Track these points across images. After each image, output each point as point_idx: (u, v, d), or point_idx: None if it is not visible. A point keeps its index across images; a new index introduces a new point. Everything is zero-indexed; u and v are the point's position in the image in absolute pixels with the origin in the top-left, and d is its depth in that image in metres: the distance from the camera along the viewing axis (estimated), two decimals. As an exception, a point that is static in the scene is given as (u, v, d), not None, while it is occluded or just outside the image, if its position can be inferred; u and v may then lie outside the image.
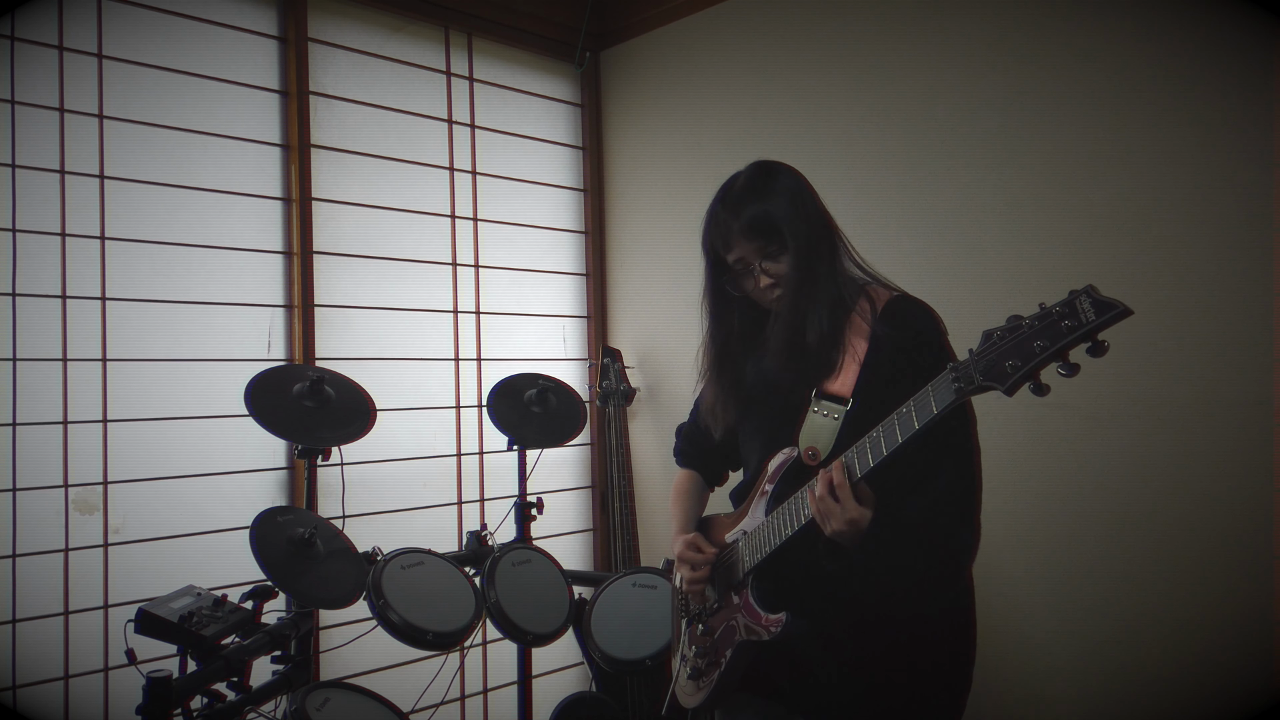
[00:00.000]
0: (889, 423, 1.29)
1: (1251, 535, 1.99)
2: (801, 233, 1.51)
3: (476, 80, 3.20)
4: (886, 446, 1.28)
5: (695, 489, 1.79)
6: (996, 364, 1.15)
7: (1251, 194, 1.99)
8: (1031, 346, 1.12)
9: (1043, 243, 2.30)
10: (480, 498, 3.11)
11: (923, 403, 1.24)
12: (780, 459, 1.51)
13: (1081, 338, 1.09)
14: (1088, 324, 1.08)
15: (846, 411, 1.43)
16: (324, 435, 2.21)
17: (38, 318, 2.30)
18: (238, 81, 2.65)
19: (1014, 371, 1.13)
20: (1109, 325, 1.09)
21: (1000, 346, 1.16)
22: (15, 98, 2.27)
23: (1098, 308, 1.09)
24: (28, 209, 2.28)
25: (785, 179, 1.57)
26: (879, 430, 1.30)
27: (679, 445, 1.85)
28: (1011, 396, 1.16)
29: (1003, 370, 1.14)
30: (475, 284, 3.15)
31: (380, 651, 2.66)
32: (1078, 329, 1.09)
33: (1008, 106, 2.36)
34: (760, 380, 1.60)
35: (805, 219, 1.52)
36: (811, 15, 2.81)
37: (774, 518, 1.48)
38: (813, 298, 1.49)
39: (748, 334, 1.64)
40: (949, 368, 1.22)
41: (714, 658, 1.58)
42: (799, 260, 1.49)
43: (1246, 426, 1.99)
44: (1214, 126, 2.04)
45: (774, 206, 1.52)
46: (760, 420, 1.61)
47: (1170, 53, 2.10)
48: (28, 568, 2.26)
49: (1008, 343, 1.15)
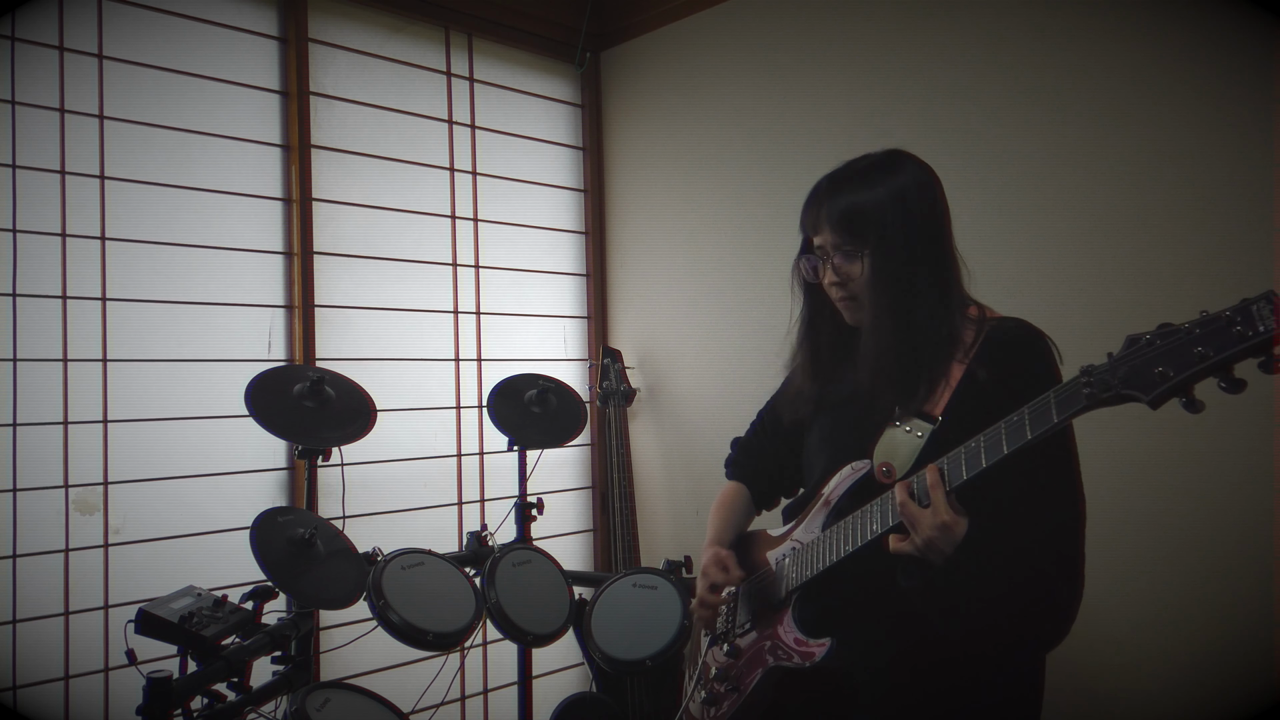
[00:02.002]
0: (994, 430, 1.13)
1: (1251, 535, 1.99)
2: (897, 242, 1.32)
3: (477, 80, 3.20)
4: (988, 457, 1.13)
5: (740, 502, 1.65)
6: (1143, 370, 1.00)
7: (1251, 194, 1.99)
8: (1191, 353, 0.96)
9: (1043, 243, 2.29)
10: (480, 498, 3.11)
11: (1040, 409, 1.09)
12: (847, 472, 1.37)
13: (1255, 349, 0.93)
14: (1266, 333, 0.92)
15: (933, 431, 1.28)
16: (324, 435, 2.21)
17: (38, 318, 2.30)
18: (238, 82, 2.65)
19: (1164, 380, 0.98)
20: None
21: (1149, 352, 1.00)
22: (15, 98, 2.27)
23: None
24: (28, 209, 2.28)
25: (904, 176, 1.36)
26: (981, 438, 1.15)
27: (732, 456, 1.72)
28: (1156, 410, 1.01)
29: (1150, 377, 0.99)
30: (475, 284, 3.15)
31: (380, 652, 2.66)
32: (1253, 337, 0.92)
33: (1006, 107, 2.36)
34: (838, 387, 1.46)
35: (908, 226, 1.33)
36: (811, 15, 2.81)
37: (832, 533, 1.34)
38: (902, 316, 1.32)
39: (830, 333, 1.48)
40: (1081, 371, 1.06)
41: (736, 684, 1.44)
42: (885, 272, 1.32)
43: (1246, 426, 1.99)
44: (1214, 126, 2.04)
45: (873, 204, 1.34)
46: (831, 430, 1.47)
47: (1170, 53, 2.10)
48: (28, 568, 2.26)
49: (1160, 348, 0.99)
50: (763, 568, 1.49)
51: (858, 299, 1.37)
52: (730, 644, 1.47)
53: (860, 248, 1.34)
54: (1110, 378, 1.03)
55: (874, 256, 1.33)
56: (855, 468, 1.36)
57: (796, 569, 1.39)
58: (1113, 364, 1.03)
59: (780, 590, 1.42)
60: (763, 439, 1.68)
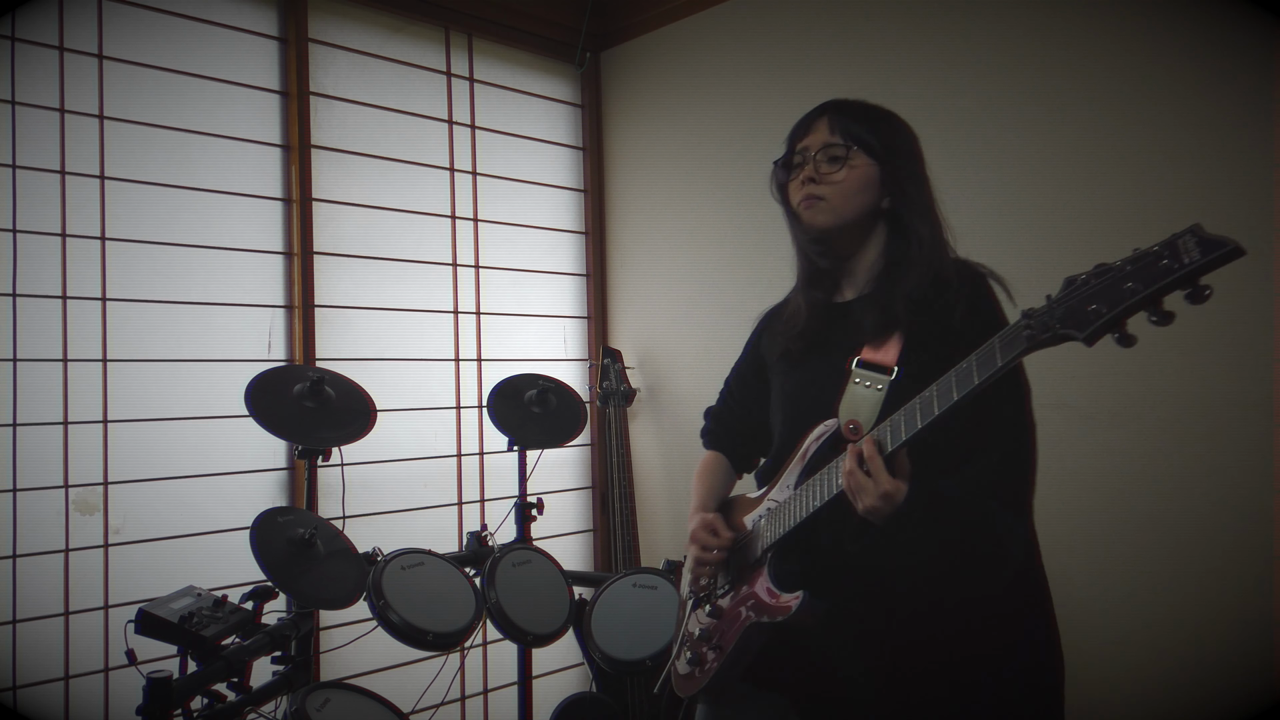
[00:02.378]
0: (944, 381, 1.15)
1: (1251, 535, 1.99)
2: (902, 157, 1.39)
3: (477, 81, 3.20)
4: (928, 411, 1.15)
5: (720, 469, 1.67)
6: (1078, 309, 1.02)
7: (1251, 194, 1.99)
8: (1122, 289, 0.99)
9: (1042, 243, 2.30)
10: (480, 498, 3.11)
11: (985, 355, 1.10)
12: (819, 431, 1.38)
13: (1182, 280, 0.96)
14: (1191, 264, 0.95)
15: (891, 382, 1.31)
16: (324, 436, 2.21)
17: (38, 318, 2.30)
18: (238, 82, 2.65)
19: (1097, 317, 1.00)
20: (1216, 266, 0.95)
21: (1084, 291, 1.03)
22: (15, 98, 2.27)
23: (1203, 246, 0.95)
24: (28, 209, 2.29)
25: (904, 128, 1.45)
26: (929, 391, 1.16)
27: (706, 426, 1.75)
28: (1091, 346, 1.03)
29: (1085, 315, 1.01)
30: (475, 284, 3.15)
31: (380, 652, 2.66)
32: (1178, 269, 0.95)
33: (1007, 106, 2.36)
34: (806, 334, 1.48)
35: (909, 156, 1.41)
36: (811, 15, 2.81)
37: (802, 491, 1.36)
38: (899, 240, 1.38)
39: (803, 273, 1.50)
40: (1022, 314, 1.08)
41: (718, 641, 1.46)
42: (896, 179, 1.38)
43: (1246, 427, 1.99)
44: (1214, 126, 2.04)
45: (877, 120, 1.41)
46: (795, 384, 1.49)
47: (1170, 53, 2.10)
48: (28, 568, 2.26)
49: (1094, 286, 1.02)
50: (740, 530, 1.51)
51: (824, 200, 1.39)
52: (712, 605, 1.49)
53: (849, 151, 1.38)
54: (1049, 318, 1.05)
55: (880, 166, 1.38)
56: (825, 427, 1.38)
57: (771, 527, 1.42)
58: (1050, 305, 1.06)
59: (757, 549, 1.44)
60: (732, 404, 1.70)
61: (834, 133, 1.40)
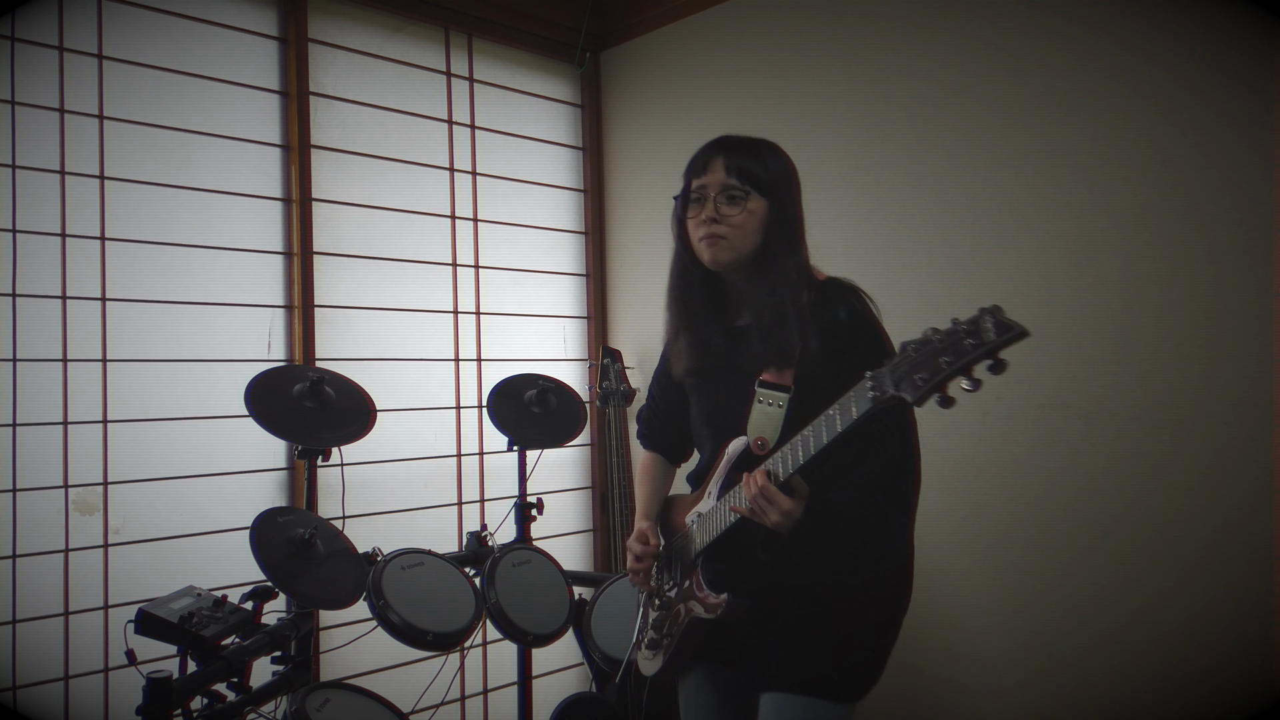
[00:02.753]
0: (816, 425, 1.35)
1: (1251, 535, 1.99)
2: (782, 192, 1.53)
3: (477, 81, 3.20)
4: (808, 449, 1.36)
5: (657, 470, 1.84)
6: (908, 376, 1.22)
7: (1251, 194, 1.99)
8: (939, 362, 1.18)
9: (1043, 243, 2.30)
10: (480, 498, 3.11)
11: (844, 407, 1.31)
12: (733, 447, 1.55)
13: (983, 355, 1.14)
14: (988, 344, 1.14)
15: (790, 399, 1.48)
16: (324, 436, 2.21)
17: (38, 318, 2.30)
18: (238, 82, 2.65)
19: (923, 384, 1.20)
20: (1007, 345, 1.14)
21: (913, 359, 1.21)
22: (15, 98, 2.27)
23: (999, 328, 1.13)
24: (28, 209, 2.29)
25: (785, 160, 1.59)
26: (808, 431, 1.37)
27: (640, 429, 1.90)
28: (919, 407, 1.23)
29: (913, 383, 1.21)
30: (475, 284, 3.15)
31: (380, 652, 2.66)
32: (979, 348, 1.14)
33: (1008, 106, 2.36)
34: (710, 355, 1.61)
35: (787, 187, 1.55)
36: (811, 15, 2.81)
37: (722, 504, 1.55)
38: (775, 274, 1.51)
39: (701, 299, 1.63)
40: (867, 376, 1.27)
41: (670, 630, 1.65)
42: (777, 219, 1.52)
43: (1246, 426, 1.99)
44: (1214, 126, 2.04)
45: (764, 157, 1.54)
46: (709, 403, 1.65)
47: (1170, 53, 2.10)
48: (28, 568, 2.26)
49: (919, 356, 1.21)
50: (679, 527, 1.69)
51: (726, 239, 1.52)
52: (661, 599, 1.68)
53: (746, 192, 1.51)
54: (885, 382, 1.25)
55: (769, 202, 1.52)
56: (740, 443, 1.54)
57: (700, 535, 1.60)
58: (889, 368, 1.25)
59: (691, 554, 1.63)
60: (658, 408, 1.84)
61: (730, 174, 1.51)
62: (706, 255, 1.54)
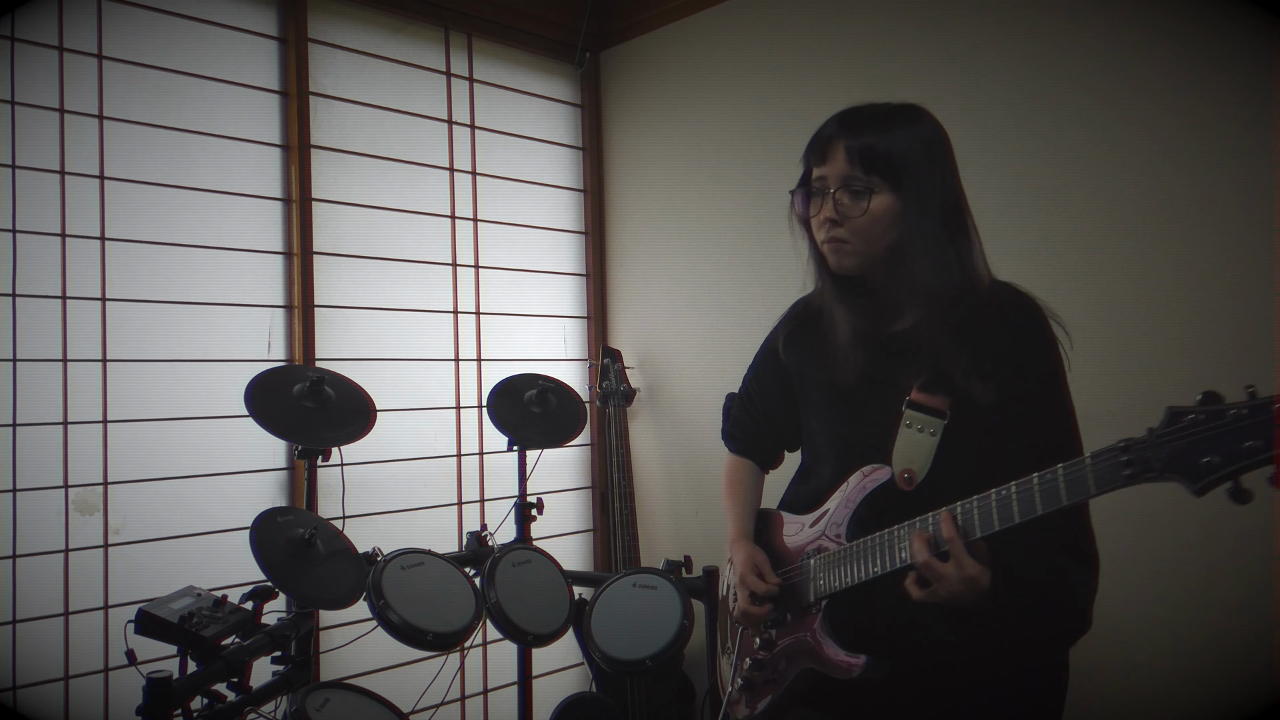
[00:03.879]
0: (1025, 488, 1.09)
1: (1251, 535, 1.99)
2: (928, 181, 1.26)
3: (476, 81, 3.20)
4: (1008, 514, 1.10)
5: (750, 477, 1.61)
6: (1188, 455, 0.95)
7: (1251, 194, 1.99)
8: (1240, 446, 0.91)
9: (1043, 243, 2.29)
10: (480, 498, 3.11)
11: (1076, 478, 1.04)
12: (870, 476, 1.33)
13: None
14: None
15: (944, 426, 1.25)
16: (324, 436, 2.21)
17: (38, 318, 2.30)
18: (238, 82, 2.65)
19: (1210, 470, 0.93)
20: None
21: (1195, 434, 0.94)
22: (15, 98, 2.27)
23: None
24: (28, 209, 2.28)
25: (927, 127, 1.32)
26: (1011, 490, 1.11)
27: (728, 429, 1.67)
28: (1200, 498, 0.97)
29: (1196, 466, 0.94)
30: (475, 284, 3.15)
31: (380, 652, 2.66)
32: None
33: (1008, 107, 2.36)
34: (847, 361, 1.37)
35: (936, 170, 1.28)
36: (812, 15, 2.81)
37: (860, 547, 1.30)
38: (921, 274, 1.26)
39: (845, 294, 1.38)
40: (1120, 445, 1.01)
41: (772, 675, 1.43)
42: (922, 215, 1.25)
43: (1246, 426, 1.99)
44: (1214, 126, 2.04)
45: (898, 140, 1.26)
46: (840, 415, 1.41)
47: (1170, 53, 2.10)
48: (28, 568, 2.26)
49: (1207, 431, 0.94)
50: (781, 553, 1.46)
51: (849, 243, 1.30)
52: (763, 637, 1.45)
53: (870, 184, 1.26)
54: (1153, 458, 0.98)
55: (903, 190, 1.25)
56: (877, 473, 1.32)
57: (825, 576, 1.36)
58: (1155, 440, 0.98)
59: (809, 594, 1.39)
60: (753, 409, 1.63)
61: (852, 162, 1.27)
62: (832, 261, 1.33)
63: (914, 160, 1.27)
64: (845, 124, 1.30)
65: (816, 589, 1.37)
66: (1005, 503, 1.11)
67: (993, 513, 1.12)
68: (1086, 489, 1.03)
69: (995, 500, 1.12)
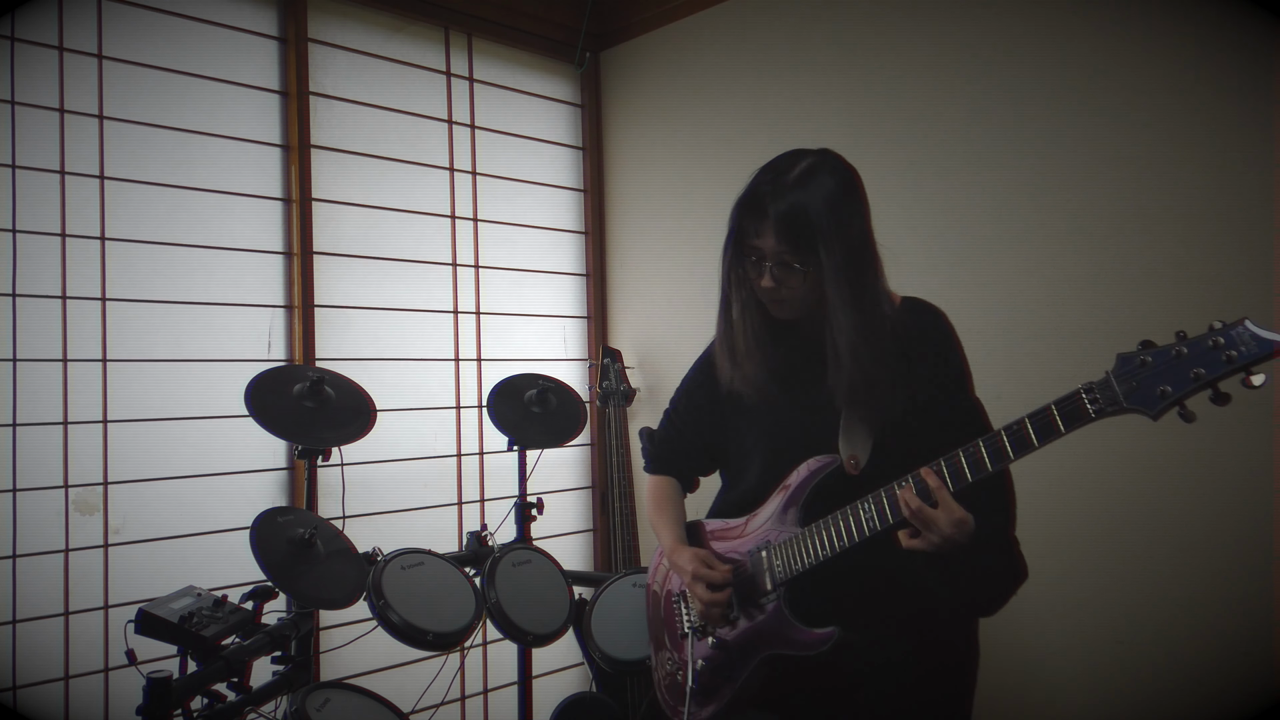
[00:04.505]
0: (992, 439, 1.26)
1: (1251, 535, 1.99)
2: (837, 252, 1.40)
3: (476, 80, 3.20)
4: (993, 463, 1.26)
5: (676, 495, 1.75)
6: (1145, 387, 1.15)
7: (1251, 194, 1.99)
8: (1187, 374, 1.12)
9: (1043, 243, 2.29)
10: (480, 498, 3.11)
11: (1044, 422, 1.22)
12: (814, 466, 1.47)
13: (1239, 369, 1.09)
14: (1248, 356, 1.08)
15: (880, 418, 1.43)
16: (324, 435, 2.21)
17: (38, 318, 2.30)
18: (238, 82, 2.65)
19: (1164, 398, 1.13)
20: (1269, 359, 1.08)
21: (1148, 370, 1.14)
22: (15, 98, 2.27)
23: (1260, 342, 1.08)
24: (28, 209, 2.28)
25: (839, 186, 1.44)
26: (982, 444, 1.27)
27: (651, 451, 1.82)
28: (1157, 421, 1.16)
29: (1153, 394, 1.14)
30: (475, 284, 3.15)
31: (380, 652, 2.66)
32: (1238, 360, 1.09)
33: (1008, 106, 2.36)
34: (767, 386, 1.54)
35: (844, 236, 1.41)
36: (812, 15, 2.81)
37: (819, 527, 1.43)
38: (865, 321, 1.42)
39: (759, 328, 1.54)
40: (1082, 388, 1.19)
41: (729, 673, 1.52)
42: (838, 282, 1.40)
43: (1246, 426, 1.99)
44: (1214, 126, 2.04)
45: (815, 215, 1.40)
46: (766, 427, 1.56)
47: (1170, 53, 2.10)
48: (28, 568, 2.26)
49: (1157, 367, 1.14)
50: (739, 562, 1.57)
51: (787, 303, 1.47)
52: (716, 637, 1.53)
53: (800, 260, 1.41)
54: (1114, 394, 1.17)
55: (817, 267, 1.40)
56: (822, 461, 1.46)
57: (783, 561, 1.48)
58: (1115, 380, 1.17)
59: (765, 583, 1.50)
60: (681, 427, 1.76)
61: (782, 242, 1.41)
62: (772, 310, 1.50)
63: (836, 225, 1.40)
64: (773, 204, 1.42)
65: (775, 577, 1.49)
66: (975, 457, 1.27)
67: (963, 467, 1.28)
68: (1055, 430, 1.21)
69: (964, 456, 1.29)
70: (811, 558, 1.43)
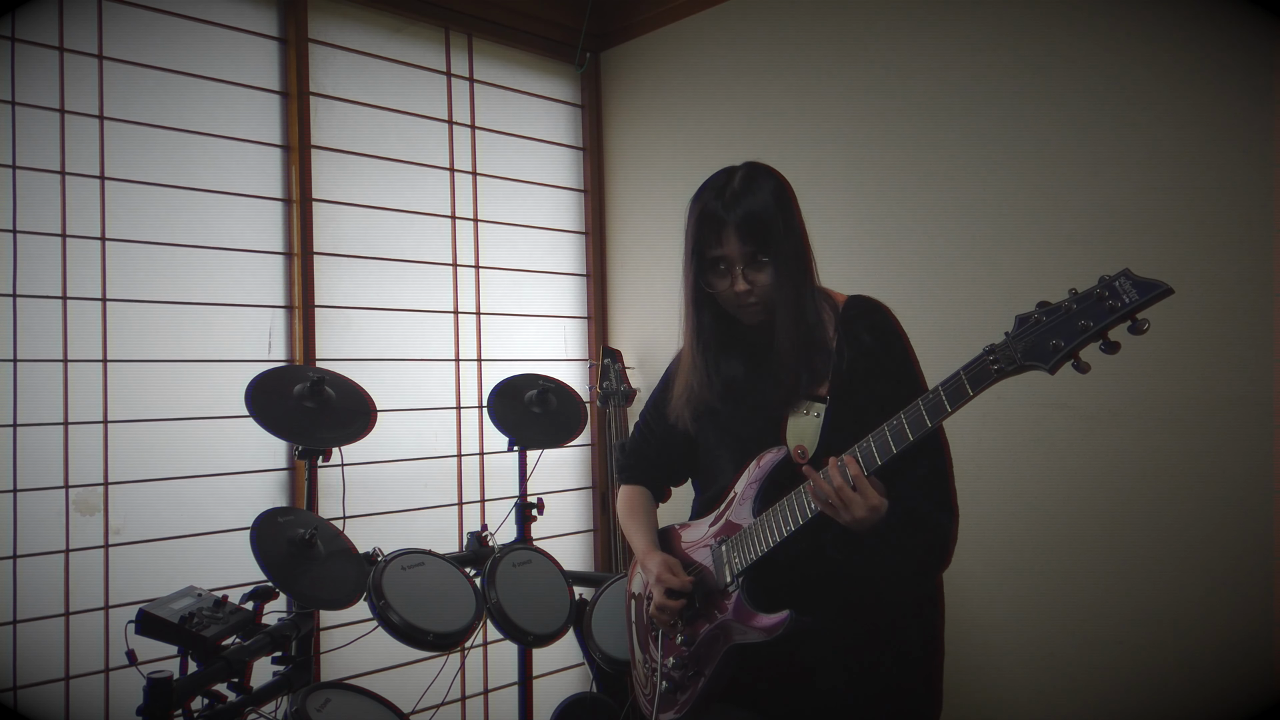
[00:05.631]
0: (913, 410, 1.31)
1: (1251, 535, 1.99)
2: (789, 247, 1.51)
3: (477, 81, 3.20)
4: (913, 432, 1.31)
5: (648, 504, 1.80)
6: (1039, 343, 1.19)
7: (1251, 194, 1.99)
8: (1075, 325, 1.16)
9: (1043, 243, 2.30)
10: (481, 498, 3.11)
11: (954, 387, 1.27)
12: (769, 458, 1.53)
13: (1124, 316, 1.14)
14: (1132, 303, 1.13)
15: (826, 409, 1.49)
16: (324, 436, 2.21)
17: (38, 318, 2.30)
18: (238, 82, 2.65)
19: (1057, 350, 1.18)
20: (1152, 304, 1.13)
21: (1041, 327, 1.19)
22: (15, 98, 2.27)
23: (1140, 287, 1.14)
24: (28, 210, 2.29)
25: (778, 187, 1.55)
26: (900, 418, 1.33)
27: (623, 461, 1.86)
28: (1054, 375, 1.19)
29: (1046, 349, 1.18)
30: (475, 285, 3.15)
31: (381, 652, 2.66)
32: (1122, 308, 1.14)
33: (1008, 107, 2.36)
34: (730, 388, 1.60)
35: (792, 231, 1.53)
36: (812, 15, 2.81)
37: (770, 516, 1.49)
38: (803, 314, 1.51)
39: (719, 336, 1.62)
40: (985, 350, 1.24)
41: (698, 668, 1.57)
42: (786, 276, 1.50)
43: (1246, 426, 1.99)
44: (1214, 126, 2.04)
45: (768, 212, 1.51)
46: (731, 427, 1.62)
47: (1170, 53, 2.10)
48: (28, 568, 2.26)
49: (1050, 323, 1.19)
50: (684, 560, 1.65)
51: (763, 303, 1.52)
52: (683, 634, 1.59)
53: (767, 256, 1.49)
54: (1012, 353, 1.22)
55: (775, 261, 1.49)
56: (774, 454, 1.53)
57: (739, 553, 1.54)
58: (1012, 340, 1.22)
59: (724, 576, 1.56)
60: (652, 439, 1.81)
61: (747, 243, 1.49)
62: (745, 318, 1.56)
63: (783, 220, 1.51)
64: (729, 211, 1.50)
65: (732, 568, 1.54)
66: (896, 428, 1.33)
67: (888, 440, 1.34)
68: (965, 393, 1.26)
69: (888, 429, 1.34)
70: (762, 545, 1.49)
